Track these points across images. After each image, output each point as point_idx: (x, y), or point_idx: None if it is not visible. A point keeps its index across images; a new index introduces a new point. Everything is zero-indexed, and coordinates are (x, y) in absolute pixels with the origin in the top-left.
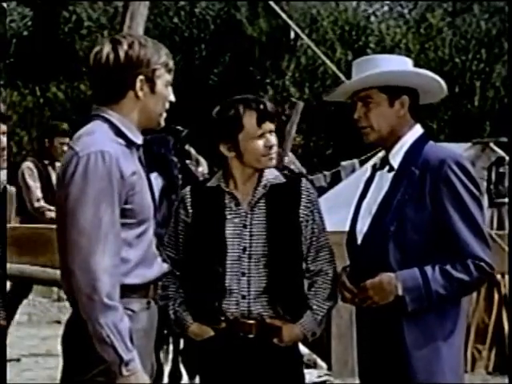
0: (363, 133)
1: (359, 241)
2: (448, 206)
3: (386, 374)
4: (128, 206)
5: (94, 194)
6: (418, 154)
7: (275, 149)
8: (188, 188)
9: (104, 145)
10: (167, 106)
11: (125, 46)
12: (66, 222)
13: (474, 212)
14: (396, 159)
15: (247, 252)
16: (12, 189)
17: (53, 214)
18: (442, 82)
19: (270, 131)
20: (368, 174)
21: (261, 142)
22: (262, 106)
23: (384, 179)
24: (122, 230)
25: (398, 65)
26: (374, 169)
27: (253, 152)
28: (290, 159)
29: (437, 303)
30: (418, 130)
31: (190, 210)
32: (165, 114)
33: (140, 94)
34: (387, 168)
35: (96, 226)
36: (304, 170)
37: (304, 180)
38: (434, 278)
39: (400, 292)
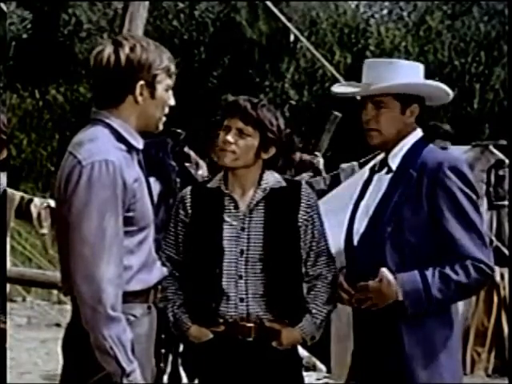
0: (369, 135)
1: (356, 242)
2: (444, 209)
3: (383, 378)
4: (130, 214)
5: (98, 205)
6: (416, 156)
7: (229, 147)
8: (188, 188)
9: (108, 153)
10: (167, 110)
11: (126, 49)
12: (69, 231)
13: (471, 214)
14: (395, 161)
15: (244, 255)
16: (11, 191)
17: None
18: (451, 94)
19: (230, 128)
20: (366, 175)
21: (220, 136)
22: (230, 103)
23: (382, 181)
24: (124, 238)
25: (413, 72)
26: (373, 171)
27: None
28: (319, 162)
29: (436, 307)
30: (417, 133)
31: (190, 211)
32: (164, 118)
33: (139, 99)
34: (385, 170)
35: (100, 237)
36: (325, 173)
37: (304, 185)
38: (433, 282)
39: (400, 297)
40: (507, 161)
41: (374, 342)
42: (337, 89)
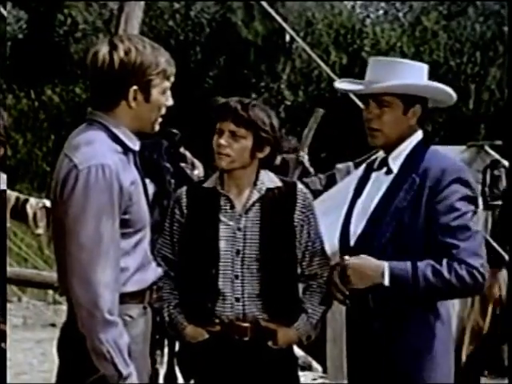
0: (371, 134)
1: (352, 243)
2: (441, 217)
3: (377, 379)
4: (126, 217)
5: (95, 209)
6: (419, 160)
7: (223, 150)
8: (184, 188)
9: (104, 157)
10: (163, 111)
11: (121, 53)
12: (65, 236)
13: (469, 224)
14: (396, 163)
15: (240, 255)
16: (10, 193)
17: None
18: (455, 96)
19: (223, 131)
20: (361, 172)
21: (214, 139)
22: (220, 105)
23: (381, 181)
24: (120, 240)
25: (416, 72)
26: (370, 168)
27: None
28: (304, 158)
29: (420, 300)
30: (418, 135)
31: (185, 211)
32: (160, 120)
33: (133, 104)
34: (385, 170)
35: (97, 241)
36: (312, 170)
37: (300, 185)
38: (424, 274)
39: (386, 281)
40: (504, 161)
41: (367, 343)
42: (339, 85)
